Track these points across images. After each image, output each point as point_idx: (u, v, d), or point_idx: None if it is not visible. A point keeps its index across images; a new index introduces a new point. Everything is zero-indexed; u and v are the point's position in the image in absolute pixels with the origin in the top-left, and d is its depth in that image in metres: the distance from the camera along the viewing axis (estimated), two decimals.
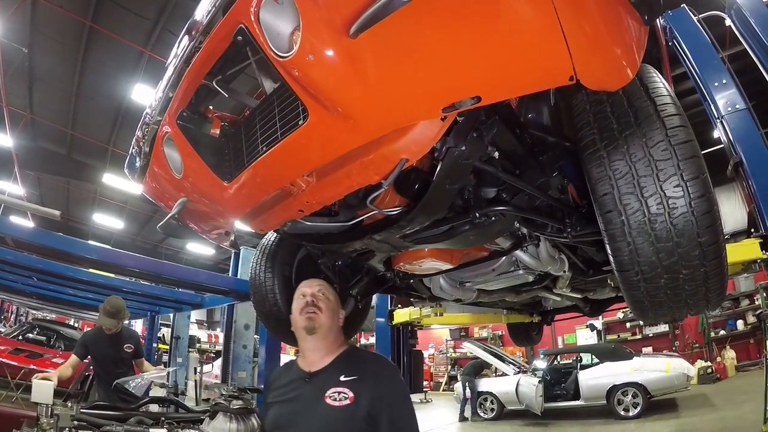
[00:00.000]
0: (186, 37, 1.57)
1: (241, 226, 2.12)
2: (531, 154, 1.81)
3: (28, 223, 10.54)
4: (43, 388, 3.69)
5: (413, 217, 1.75)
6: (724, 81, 3.10)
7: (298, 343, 1.78)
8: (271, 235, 2.85)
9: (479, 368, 12.54)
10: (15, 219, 8.69)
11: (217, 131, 1.85)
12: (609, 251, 1.55)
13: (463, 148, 1.45)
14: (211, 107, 1.89)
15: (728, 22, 3.74)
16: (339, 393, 1.58)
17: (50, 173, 14.88)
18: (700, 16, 3.58)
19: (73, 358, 4.67)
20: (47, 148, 13.89)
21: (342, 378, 1.61)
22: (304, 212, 1.71)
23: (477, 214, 1.81)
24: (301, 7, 1.02)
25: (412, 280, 3.05)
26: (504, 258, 2.63)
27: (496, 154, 1.67)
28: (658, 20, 3.01)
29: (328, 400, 1.57)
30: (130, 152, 2.10)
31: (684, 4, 3.59)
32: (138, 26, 9.77)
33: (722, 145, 3.11)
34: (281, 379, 1.77)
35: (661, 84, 1.56)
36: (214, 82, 1.54)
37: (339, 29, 0.98)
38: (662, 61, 2.66)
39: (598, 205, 1.50)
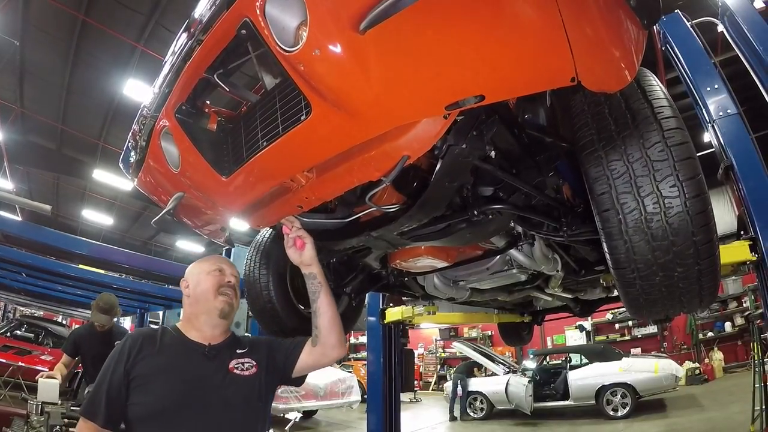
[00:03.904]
0: (185, 34, 1.57)
1: (236, 222, 2.11)
2: (528, 153, 1.83)
3: (16, 218, 10.44)
4: (49, 387, 3.69)
5: (412, 215, 1.76)
6: (716, 86, 3.14)
7: (198, 316, 1.74)
8: (266, 232, 2.85)
9: (472, 368, 12.61)
10: (2, 213, 8.58)
11: (215, 126, 1.84)
12: (606, 249, 1.57)
13: (464, 146, 1.46)
14: (208, 102, 1.88)
15: (720, 27, 3.79)
16: (243, 363, 1.71)
17: (40, 168, 14.73)
18: (693, 21, 3.62)
19: (65, 357, 4.64)
20: (37, 142, 13.76)
21: (238, 351, 1.74)
22: (303, 208, 1.71)
23: (475, 212, 1.83)
24: (309, 0, 1.02)
25: (406, 279, 3.06)
26: (498, 257, 2.65)
27: (493, 153, 1.69)
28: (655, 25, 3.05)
29: (236, 371, 1.67)
30: (125, 146, 2.08)
31: (678, 10, 3.63)
32: (131, 21, 9.71)
33: (713, 149, 3.15)
34: (152, 347, 1.63)
35: (658, 87, 1.59)
36: (215, 76, 1.53)
37: (347, 24, 0.98)
38: (657, 64, 2.69)
39: (596, 203, 1.53)
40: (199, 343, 1.69)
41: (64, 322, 15.33)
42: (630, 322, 15.43)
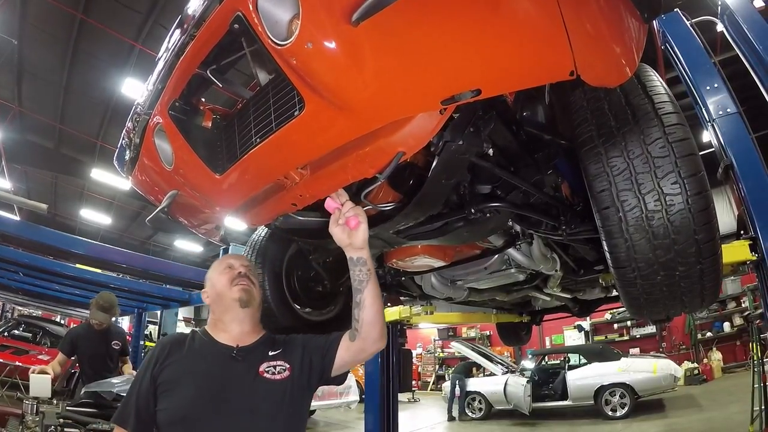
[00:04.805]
0: (178, 31, 1.55)
1: (231, 220, 2.09)
2: (526, 151, 1.81)
3: (14, 217, 10.41)
4: (41, 382, 3.65)
5: (408, 213, 1.74)
6: (716, 84, 3.12)
7: (222, 316, 1.70)
8: (262, 231, 2.83)
9: (470, 368, 12.61)
10: (0, 213, 8.56)
11: (209, 124, 1.82)
12: (606, 248, 1.55)
13: (460, 142, 1.44)
14: (203, 99, 1.86)
15: (720, 26, 3.77)
16: (276, 366, 1.61)
17: (38, 167, 14.70)
18: (693, 20, 3.60)
19: (61, 355, 4.61)
20: (35, 141, 13.73)
21: (271, 353, 1.65)
22: (297, 206, 1.69)
23: (472, 210, 1.81)
24: None
25: (403, 278, 3.04)
26: (496, 256, 2.63)
27: (491, 151, 1.67)
28: (655, 23, 3.03)
29: (266, 375, 1.58)
30: (119, 144, 2.06)
31: (677, 9, 3.61)
32: (129, 20, 9.69)
33: (713, 149, 3.13)
34: (180, 352, 1.61)
35: (658, 82, 1.57)
36: (208, 72, 1.51)
37: (339, 17, 0.96)
38: (658, 62, 2.68)
39: (596, 201, 1.51)
40: (227, 345, 1.64)
41: (62, 321, 15.29)
42: (629, 322, 15.43)
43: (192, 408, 1.47)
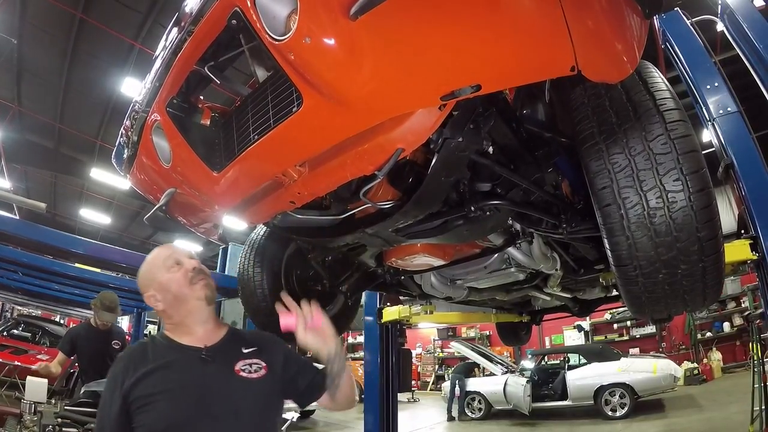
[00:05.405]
0: (175, 28, 1.54)
1: (229, 219, 2.08)
2: (526, 149, 1.80)
3: (14, 217, 10.39)
4: (36, 386, 3.65)
5: (407, 211, 1.73)
6: (716, 83, 3.11)
7: (184, 320, 1.57)
8: (260, 230, 2.82)
9: (470, 368, 12.60)
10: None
11: (207, 121, 1.81)
12: (607, 246, 1.54)
13: (460, 139, 1.43)
14: (201, 97, 1.85)
15: (720, 26, 3.76)
16: (251, 364, 1.55)
17: (37, 167, 14.69)
18: (693, 19, 3.59)
19: (61, 355, 4.61)
20: (35, 141, 13.71)
21: (244, 350, 1.59)
22: (296, 204, 1.68)
23: (472, 208, 1.79)
24: None
25: (402, 277, 3.03)
26: (496, 255, 2.62)
27: (491, 149, 1.65)
28: (655, 22, 3.02)
29: (243, 374, 1.52)
30: (117, 142, 2.06)
31: (677, 8, 3.60)
32: (129, 19, 9.68)
33: (713, 149, 3.12)
34: (145, 364, 1.47)
35: (660, 79, 1.56)
36: (206, 69, 1.50)
37: (338, 11, 0.95)
38: (658, 61, 2.67)
39: (597, 198, 1.49)
40: (194, 347, 1.54)
41: (62, 321, 15.28)
42: (628, 322, 15.41)
43: (173, 417, 1.40)
